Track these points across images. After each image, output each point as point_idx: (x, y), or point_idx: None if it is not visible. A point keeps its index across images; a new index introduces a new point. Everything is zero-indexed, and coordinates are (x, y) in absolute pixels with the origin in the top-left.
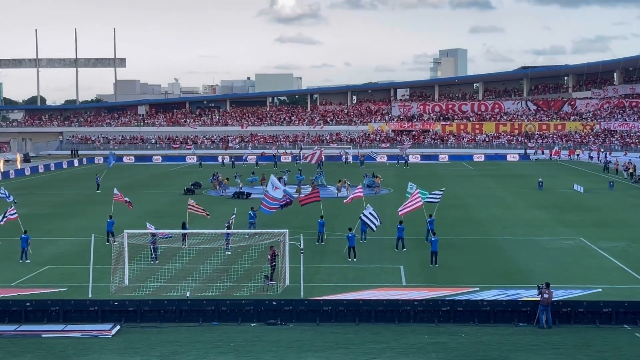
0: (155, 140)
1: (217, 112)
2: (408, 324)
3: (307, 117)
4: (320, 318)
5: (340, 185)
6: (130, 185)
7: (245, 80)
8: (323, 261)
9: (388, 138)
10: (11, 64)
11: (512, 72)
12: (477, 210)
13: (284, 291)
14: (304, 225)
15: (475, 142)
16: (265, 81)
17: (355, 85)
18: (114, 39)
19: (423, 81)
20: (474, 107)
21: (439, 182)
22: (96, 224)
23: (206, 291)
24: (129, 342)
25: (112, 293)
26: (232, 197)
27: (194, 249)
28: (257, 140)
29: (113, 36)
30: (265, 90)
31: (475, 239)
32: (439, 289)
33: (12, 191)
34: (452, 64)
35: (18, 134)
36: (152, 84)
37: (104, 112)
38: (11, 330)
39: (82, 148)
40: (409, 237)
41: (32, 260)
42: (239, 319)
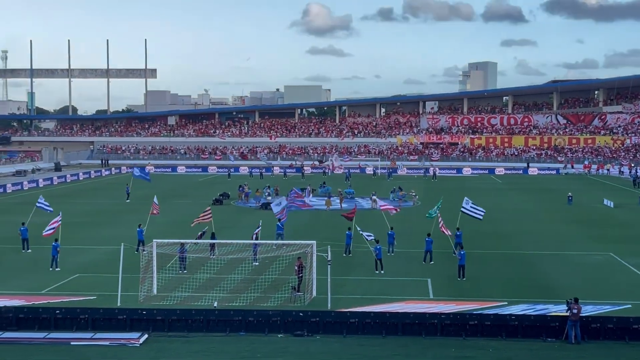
0: (185, 150)
1: (246, 123)
2: (435, 337)
3: (336, 129)
4: (347, 330)
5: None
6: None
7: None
8: (350, 273)
9: (416, 151)
10: (44, 73)
11: (542, 85)
12: (506, 224)
13: (311, 302)
14: (331, 237)
15: (504, 155)
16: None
17: (384, 98)
18: (145, 50)
19: (452, 94)
20: (503, 121)
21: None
22: (126, 233)
23: (233, 301)
24: (156, 351)
25: (141, 302)
26: (259, 208)
27: (222, 259)
28: (285, 152)
29: (144, 47)
30: (294, 101)
31: (504, 253)
32: (467, 302)
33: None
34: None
35: (50, 143)
36: (182, 94)
37: (134, 122)
38: (41, 338)
39: (113, 158)
40: (437, 251)
41: (62, 268)
42: (266, 330)
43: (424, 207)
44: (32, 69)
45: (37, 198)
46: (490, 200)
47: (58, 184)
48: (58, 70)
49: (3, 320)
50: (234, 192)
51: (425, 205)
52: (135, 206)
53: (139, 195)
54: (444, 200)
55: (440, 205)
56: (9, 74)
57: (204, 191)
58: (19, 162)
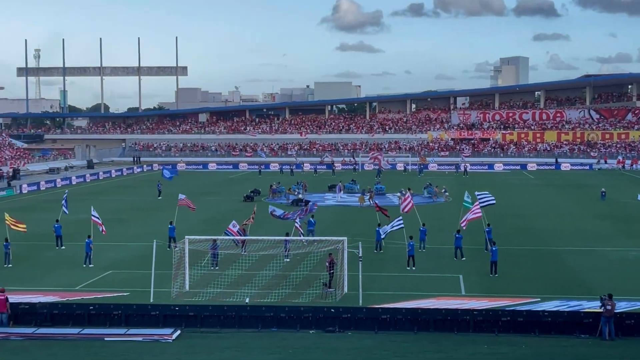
0: (215, 147)
1: (277, 120)
2: (467, 333)
3: (366, 125)
4: (379, 326)
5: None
6: (191, 192)
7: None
8: (381, 269)
9: (447, 146)
10: (76, 72)
11: (574, 80)
12: (538, 220)
13: (343, 299)
14: (362, 233)
15: (537, 151)
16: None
17: (415, 94)
18: (176, 48)
19: (483, 89)
20: (535, 116)
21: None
22: (158, 230)
23: (265, 298)
24: (189, 346)
25: (173, 298)
26: (290, 205)
27: (253, 256)
28: (315, 149)
29: (175, 45)
30: (325, 98)
31: (536, 249)
32: (499, 299)
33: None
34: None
35: (82, 140)
36: (212, 92)
37: (165, 119)
38: (75, 333)
39: (144, 155)
40: (468, 247)
41: (95, 264)
42: (298, 326)
43: (456, 203)
44: (65, 68)
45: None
46: (522, 196)
47: (90, 181)
48: (90, 68)
49: (38, 316)
50: (265, 188)
51: (456, 201)
52: (167, 203)
53: (170, 193)
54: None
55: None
56: (42, 73)
57: (235, 188)
58: (52, 159)
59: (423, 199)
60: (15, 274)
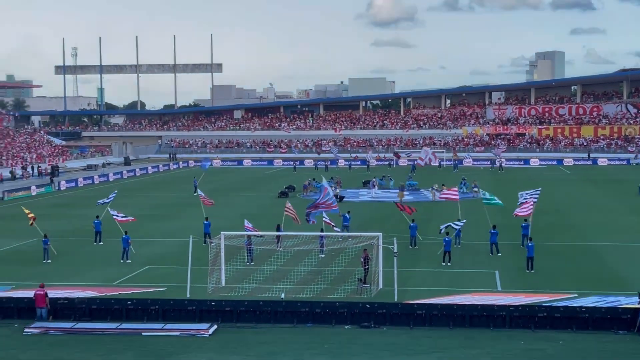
0: (250, 144)
1: (311, 116)
2: (504, 329)
3: (400, 121)
4: (414, 322)
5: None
6: (226, 188)
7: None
8: (416, 265)
9: (482, 142)
10: (113, 69)
11: (611, 74)
12: (575, 215)
13: (378, 294)
14: (397, 228)
15: (573, 146)
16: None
17: (449, 89)
18: (211, 45)
19: (519, 84)
20: (572, 111)
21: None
22: (194, 226)
23: (300, 293)
24: (225, 341)
25: (210, 293)
26: None
27: (289, 251)
28: (349, 144)
29: (210, 42)
30: (359, 94)
31: (573, 245)
32: (536, 294)
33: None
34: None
35: (119, 137)
36: (247, 88)
37: (201, 116)
38: (113, 328)
39: (180, 152)
40: (504, 242)
41: (133, 260)
42: (333, 321)
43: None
44: (102, 66)
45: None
46: (559, 191)
47: (127, 177)
48: (127, 66)
49: (77, 311)
50: (300, 184)
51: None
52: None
53: (206, 189)
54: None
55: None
56: (79, 71)
57: (270, 184)
58: (90, 156)
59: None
60: (54, 270)
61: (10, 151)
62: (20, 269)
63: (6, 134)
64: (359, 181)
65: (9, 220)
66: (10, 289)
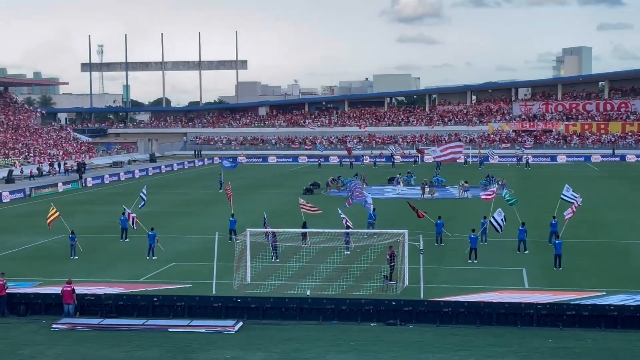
0: (275, 140)
1: (336, 112)
2: (531, 327)
3: (425, 118)
4: (441, 319)
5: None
6: (251, 185)
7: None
8: (442, 262)
9: (508, 138)
10: (138, 67)
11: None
12: (603, 212)
13: (404, 292)
14: (423, 225)
15: (600, 142)
16: (383, 81)
17: (475, 85)
18: (236, 42)
19: (545, 80)
20: (599, 107)
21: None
22: (219, 223)
23: (326, 290)
24: (251, 338)
25: (235, 290)
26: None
27: (314, 248)
28: (374, 141)
29: (235, 39)
30: (384, 90)
31: (601, 242)
32: (564, 292)
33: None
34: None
35: (144, 134)
36: (272, 85)
37: (226, 113)
38: (139, 324)
39: (205, 148)
40: (532, 240)
41: (159, 257)
42: (359, 319)
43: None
44: (127, 63)
45: (135, 189)
46: (586, 188)
47: (153, 174)
48: (152, 63)
49: (104, 307)
50: (324, 182)
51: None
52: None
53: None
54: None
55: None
56: (105, 68)
57: (294, 181)
58: (116, 153)
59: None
60: (81, 266)
61: (37, 148)
62: (47, 265)
63: (33, 131)
64: (384, 178)
65: (36, 216)
66: (38, 285)
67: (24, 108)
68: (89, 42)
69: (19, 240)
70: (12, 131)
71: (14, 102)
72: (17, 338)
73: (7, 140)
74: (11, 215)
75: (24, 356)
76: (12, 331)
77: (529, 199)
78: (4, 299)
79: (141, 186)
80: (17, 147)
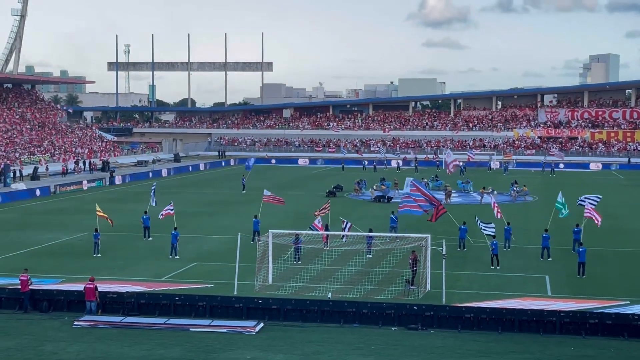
0: (299, 142)
1: (360, 116)
2: (553, 335)
3: (450, 122)
4: (462, 325)
5: (483, 192)
6: (274, 186)
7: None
8: (465, 268)
9: (534, 145)
10: (165, 67)
11: None
12: (628, 221)
13: (425, 296)
14: (446, 230)
15: (627, 150)
16: (408, 86)
17: (500, 91)
18: (262, 44)
19: (571, 87)
20: (626, 115)
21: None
22: (241, 223)
23: (347, 293)
24: (272, 339)
25: (257, 291)
26: (373, 201)
27: (336, 251)
28: (398, 145)
29: (261, 41)
30: (408, 94)
31: (626, 251)
32: (587, 300)
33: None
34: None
35: (169, 134)
36: (297, 87)
37: (250, 114)
38: (161, 323)
39: (229, 149)
40: (555, 247)
41: (181, 256)
42: (380, 322)
43: (541, 203)
44: (154, 63)
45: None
46: (611, 196)
47: (177, 174)
48: (178, 63)
49: (126, 306)
50: (347, 184)
51: (542, 201)
52: (251, 197)
53: (254, 187)
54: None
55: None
56: (131, 67)
57: (317, 183)
58: (140, 153)
59: (508, 198)
60: (104, 264)
61: (62, 146)
62: (70, 262)
63: (59, 129)
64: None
65: (60, 214)
66: (61, 282)
67: (51, 106)
68: (117, 42)
69: (43, 237)
70: (39, 129)
71: (40, 100)
72: (39, 334)
73: (33, 138)
74: (36, 212)
75: (45, 352)
76: (34, 327)
77: (552, 206)
78: (27, 295)
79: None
80: (43, 145)
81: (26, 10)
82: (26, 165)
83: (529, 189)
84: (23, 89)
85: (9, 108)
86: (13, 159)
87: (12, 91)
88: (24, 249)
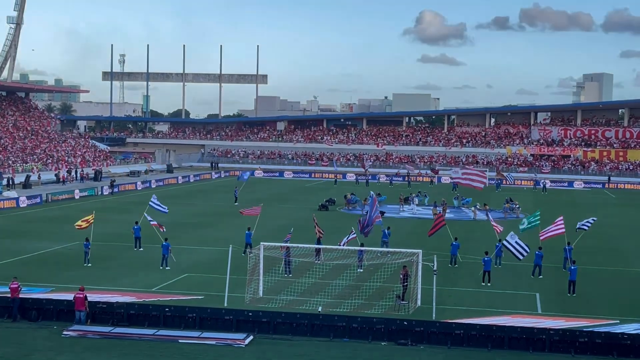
0: (292, 156)
1: (354, 130)
2: (543, 353)
3: (444, 138)
4: (452, 341)
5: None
6: (267, 199)
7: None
8: (456, 284)
9: (526, 162)
10: (159, 77)
11: None
12: (619, 240)
13: (416, 312)
14: (437, 246)
15: (618, 169)
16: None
17: (494, 108)
18: (257, 56)
19: (565, 105)
20: (619, 134)
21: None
22: (233, 235)
23: (338, 307)
24: (261, 352)
25: (247, 303)
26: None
27: (327, 265)
28: (391, 160)
29: (256, 53)
30: (403, 109)
31: (616, 270)
32: (577, 319)
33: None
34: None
35: (162, 145)
36: (291, 100)
37: (244, 126)
38: (150, 334)
39: (222, 161)
40: (546, 265)
41: (172, 267)
42: (370, 337)
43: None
44: (148, 73)
45: (150, 198)
46: (603, 215)
47: (169, 184)
48: (173, 74)
49: (115, 316)
50: (340, 198)
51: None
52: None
53: (247, 199)
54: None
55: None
56: (126, 77)
57: (310, 196)
58: (133, 162)
59: (501, 214)
60: (94, 274)
61: (55, 155)
62: (60, 271)
63: (53, 138)
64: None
65: (51, 222)
66: (50, 291)
67: (44, 114)
68: (112, 52)
69: (34, 245)
70: (32, 137)
71: (34, 109)
72: (27, 343)
73: (26, 146)
74: (27, 220)
75: None
76: (22, 336)
77: (544, 224)
78: (16, 304)
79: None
80: (35, 153)
81: (22, 18)
82: (18, 174)
83: (520, 206)
84: (17, 97)
85: (3, 116)
86: (5, 167)
87: (5, 99)
88: (14, 257)
